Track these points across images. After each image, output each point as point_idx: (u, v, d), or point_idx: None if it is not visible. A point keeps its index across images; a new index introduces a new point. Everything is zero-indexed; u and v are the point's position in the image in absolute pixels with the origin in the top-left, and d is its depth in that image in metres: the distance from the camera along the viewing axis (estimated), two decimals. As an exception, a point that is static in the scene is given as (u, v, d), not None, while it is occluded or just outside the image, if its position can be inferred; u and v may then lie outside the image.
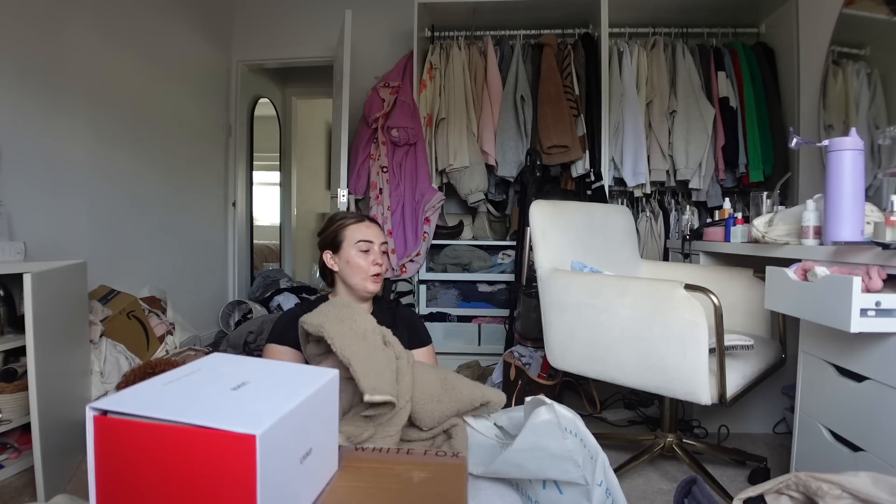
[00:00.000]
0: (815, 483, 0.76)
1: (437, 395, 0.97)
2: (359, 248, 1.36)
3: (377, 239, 1.39)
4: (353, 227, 1.39)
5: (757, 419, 1.98)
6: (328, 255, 1.41)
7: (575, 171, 2.86)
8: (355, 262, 1.35)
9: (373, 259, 1.36)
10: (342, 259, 1.37)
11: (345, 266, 1.37)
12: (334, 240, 1.39)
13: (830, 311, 1.07)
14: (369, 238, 1.37)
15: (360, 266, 1.35)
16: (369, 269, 1.35)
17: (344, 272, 1.38)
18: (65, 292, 1.61)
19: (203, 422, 0.55)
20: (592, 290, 1.49)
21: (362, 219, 1.42)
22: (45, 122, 2.11)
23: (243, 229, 3.86)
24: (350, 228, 1.38)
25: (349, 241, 1.37)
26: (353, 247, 1.36)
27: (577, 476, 0.80)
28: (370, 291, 1.37)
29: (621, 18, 2.89)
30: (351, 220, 1.40)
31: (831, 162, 1.26)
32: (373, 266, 1.36)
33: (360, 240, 1.36)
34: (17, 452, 1.61)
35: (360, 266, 1.35)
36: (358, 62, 2.90)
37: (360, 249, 1.36)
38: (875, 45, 2.05)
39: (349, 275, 1.36)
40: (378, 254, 1.37)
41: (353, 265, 1.35)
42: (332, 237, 1.40)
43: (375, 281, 1.37)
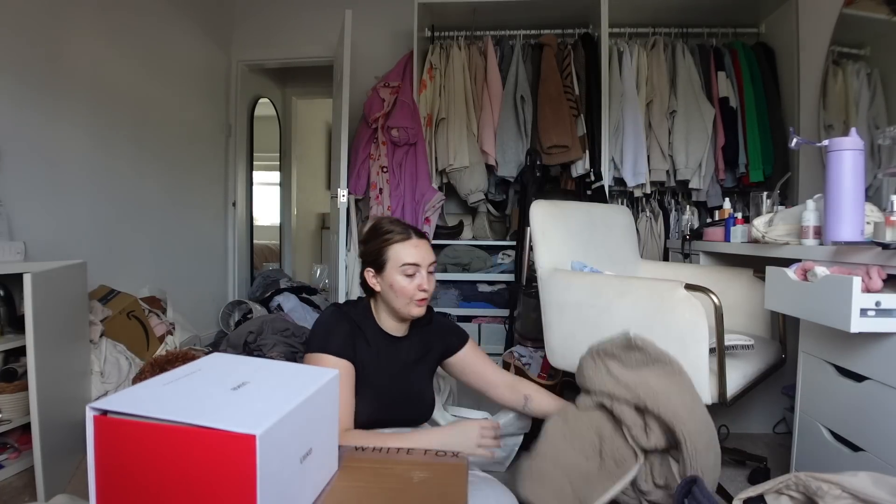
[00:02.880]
0: (815, 483, 0.77)
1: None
2: (404, 272, 1.22)
3: (425, 261, 1.25)
4: (399, 246, 1.24)
5: (757, 419, 1.98)
6: (370, 274, 1.28)
7: (575, 171, 2.86)
8: (399, 287, 1.22)
9: (419, 283, 1.23)
10: (385, 281, 1.24)
11: (388, 289, 1.24)
12: (377, 259, 1.26)
13: (830, 311, 1.07)
14: (416, 261, 1.23)
15: (404, 290, 1.22)
16: (415, 295, 1.23)
17: (387, 295, 1.25)
18: (65, 292, 1.61)
19: (203, 422, 0.55)
20: (592, 290, 1.49)
21: (409, 235, 1.26)
22: (45, 123, 2.11)
23: (243, 229, 3.86)
24: (395, 248, 1.23)
25: (393, 262, 1.23)
26: (398, 270, 1.22)
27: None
28: (413, 316, 1.26)
29: (621, 18, 2.89)
30: (397, 236, 1.25)
31: (831, 162, 1.26)
32: (419, 291, 1.23)
33: (405, 263, 1.22)
34: (17, 452, 1.61)
35: (404, 290, 1.22)
36: (358, 62, 2.90)
37: (406, 273, 1.23)
38: (875, 45, 2.05)
39: (392, 298, 1.24)
40: (425, 277, 1.24)
41: (397, 289, 1.23)
42: (374, 255, 1.26)
43: (420, 305, 1.25)
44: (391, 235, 1.24)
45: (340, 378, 1.15)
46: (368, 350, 1.25)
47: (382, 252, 1.24)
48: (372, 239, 1.28)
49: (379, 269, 1.25)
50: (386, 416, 1.21)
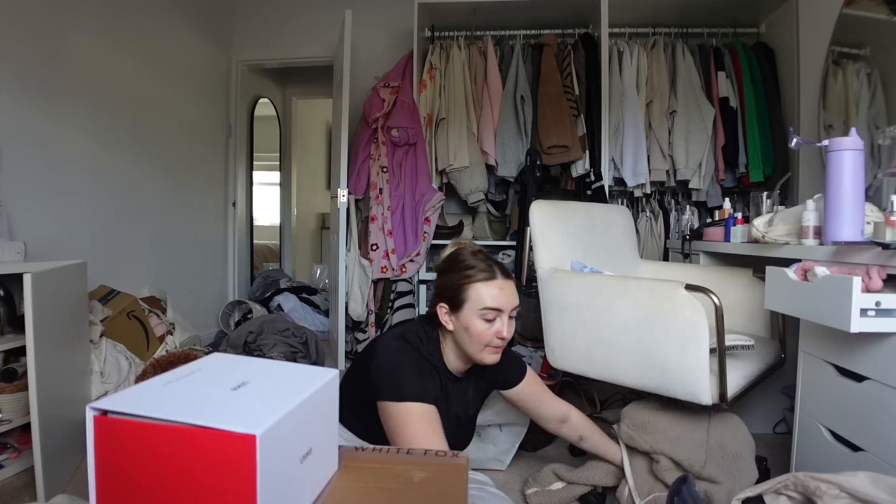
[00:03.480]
0: (814, 483, 0.77)
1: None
2: (483, 317, 1.10)
3: (509, 305, 1.11)
4: (482, 286, 1.10)
5: (757, 419, 1.98)
6: (443, 311, 1.14)
7: (575, 171, 2.86)
8: (476, 332, 1.10)
9: (498, 330, 1.10)
10: (460, 322, 1.12)
11: (462, 331, 1.12)
12: (454, 296, 1.12)
13: (830, 311, 1.07)
14: (499, 306, 1.10)
15: (481, 336, 1.10)
16: (492, 342, 1.11)
17: (460, 336, 1.13)
18: (65, 292, 1.61)
19: (203, 422, 0.55)
20: (592, 291, 1.49)
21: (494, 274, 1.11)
22: (45, 123, 2.11)
23: (243, 229, 3.86)
24: (477, 287, 1.10)
25: (473, 303, 1.10)
26: (478, 314, 1.10)
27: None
28: (486, 364, 1.14)
29: (621, 18, 2.89)
30: (481, 274, 1.11)
31: (831, 162, 1.26)
32: (496, 339, 1.11)
33: (487, 307, 1.09)
34: (17, 452, 1.61)
35: (481, 336, 1.10)
36: (358, 62, 2.90)
37: (486, 318, 1.10)
38: (875, 45, 2.05)
39: (465, 342, 1.12)
40: (506, 323, 1.11)
41: (473, 333, 1.10)
42: (452, 291, 1.13)
43: (495, 352, 1.13)
44: (474, 273, 1.11)
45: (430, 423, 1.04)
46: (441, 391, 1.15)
47: (462, 290, 1.11)
48: (451, 272, 1.15)
49: (455, 307, 1.12)
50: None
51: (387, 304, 2.91)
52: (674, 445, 1.27)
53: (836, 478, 0.76)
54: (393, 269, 2.87)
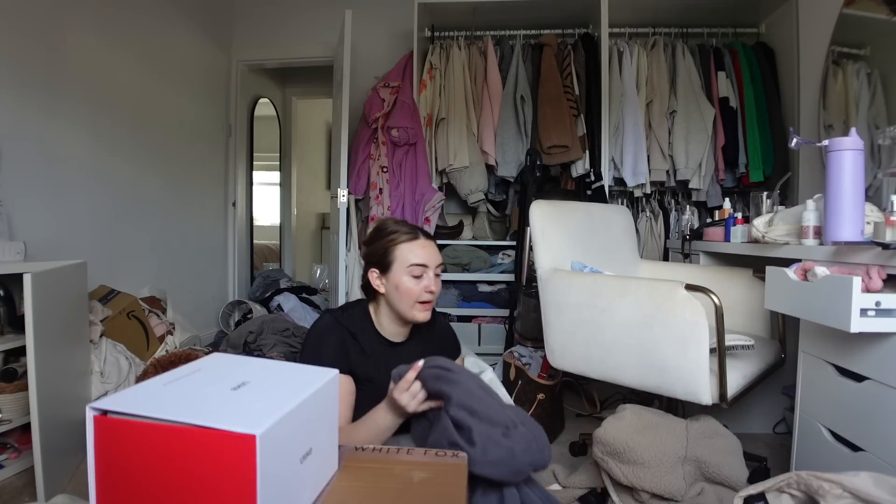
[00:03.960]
0: (816, 482, 0.77)
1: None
2: (411, 273, 1.18)
3: (433, 261, 1.20)
4: (406, 246, 1.19)
5: (757, 419, 1.98)
6: (374, 275, 1.23)
7: (575, 171, 2.86)
8: (405, 288, 1.18)
9: (425, 285, 1.19)
10: (390, 282, 1.20)
11: (393, 291, 1.20)
12: (382, 259, 1.21)
13: (830, 311, 1.07)
14: (424, 262, 1.19)
15: (410, 292, 1.18)
16: (421, 296, 1.19)
17: (391, 297, 1.21)
18: (65, 292, 1.61)
19: (203, 422, 0.55)
20: (593, 291, 1.49)
21: (416, 235, 1.22)
22: (45, 122, 2.11)
23: (243, 229, 3.86)
24: (402, 248, 1.19)
25: (400, 263, 1.19)
26: (405, 271, 1.18)
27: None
28: (417, 321, 1.22)
29: (621, 18, 2.89)
30: (404, 236, 1.21)
31: (831, 162, 1.26)
32: (425, 293, 1.19)
33: (413, 263, 1.18)
34: (17, 452, 1.61)
35: (410, 292, 1.18)
36: (358, 62, 2.90)
37: (413, 275, 1.18)
38: (875, 45, 2.05)
39: (397, 301, 1.20)
40: (432, 279, 1.20)
41: (403, 291, 1.18)
42: (380, 255, 1.22)
43: (425, 308, 1.21)
44: (397, 235, 1.21)
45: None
46: (365, 359, 1.20)
47: (389, 252, 1.20)
48: (377, 239, 1.24)
49: (384, 269, 1.21)
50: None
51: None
52: (652, 477, 1.23)
53: (838, 477, 0.76)
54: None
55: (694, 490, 1.25)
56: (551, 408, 1.96)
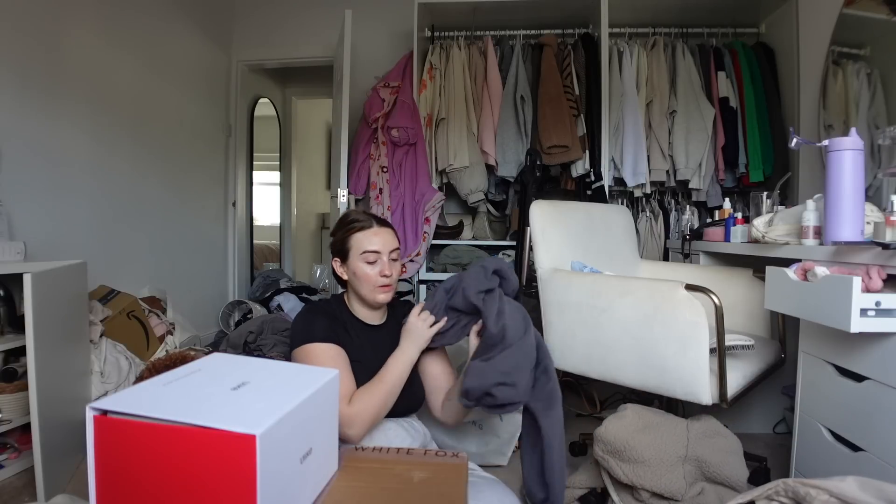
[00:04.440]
0: (804, 489, 0.77)
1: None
2: (366, 260, 1.27)
3: (386, 247, 1.29)
4: (360, 235, 1.28)
5: (757, 419, 1.98)
6: (337, 263, 1.33)
7: (575, 171, 2.86)
8: (362, 273, 1.27)
9: (380, 270, 1.27)
10: (350, 270, 1.29)
11: (353, 277, 1.29)
12: (342, 248, 1.31)
13: (830, 311, 1.07)
14: (376, 248, 1.27)
15: (367, 277, 1.27)
16: (377, 281, 1.27)
17: (353, 283, 1.30)
18: (65, 292, 1.61)
19: (203, 422, 0.55)
20: (593, 291, 1.49)
21: (370, 224, 1.30)
22: (45, 122, 2.11)
23: (243, 229, 3.86)
24: (356, 237, 1.28)
25: (355, 250, 1.28)
26: (360, 258, 1.27)
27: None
28: (379, 303, 1.30)
29: (621, 18, 2.89)
30: (358, 225, 1.30)
31: (831, 162, 1.26)
32: (380, 277, 1.27)
33: (365, 250, 1.27)
34: (17, 452, 1.61)
35: (367, 277, 1.27)
36: (358, 62, 2.90)
37: (367, 261, 1.27)
38: (875, 45, 2.05)
39: (358, 286, 1.29)
40: (387, 264, 1.28)
41: (360, 276, 1.27)
42: (339, 244, 1.32)
43: (384, 291, 1.29)
44: (353, 225, 1.29)
45: (333, 360, 1.18)
46: (349, 338, 1.27)
47: (346, 241, 1.29)
48: (338, 230, 1.33)
49: (344, 257, 1.30)
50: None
51: (387, 304, 2.91)
52: (653, 476, 1.23)
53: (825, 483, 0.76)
54: (393, 269, 2.87)
55: (694, 490, 1.24)
56: (551, 408, 1.96)
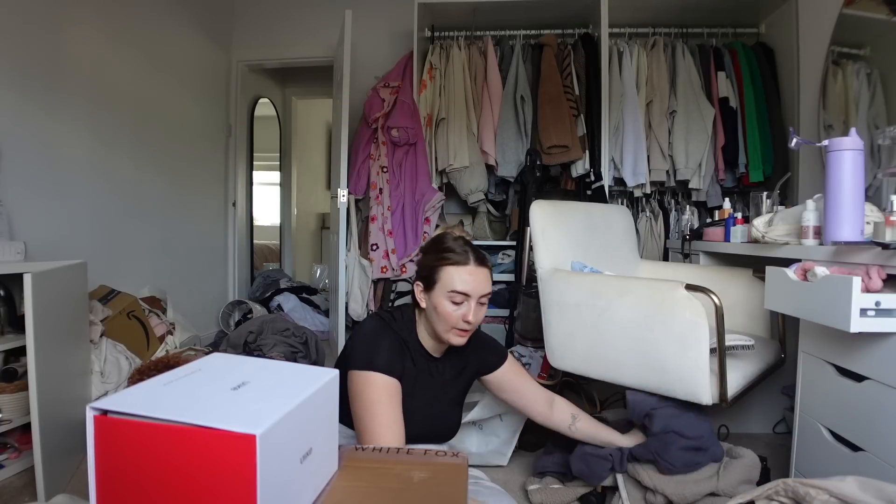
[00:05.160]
0: (803, 489, 0.77)
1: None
2: (451, 299, 1.14)
3: (477, 292, 1.15)
4: (453, 270, 1.15)
5: (757, 419, 1.98)
6: (419, 289, 1.21)
7: (575, 171, 2.86)
8: (444, 312, 1.14)
9: (464, 313, 1.14)
10: (431, 301, 1.17)
11: (432, 310, 1.17)
12: (429, 275, 1.18)
13: (830, 311, 1.07)
14: (467, 290, 1.14)
15: (448, 317, 1.15)
16: (457, 324, 1.15)
17: (430, 315, 1.18)
18: (65, 292, 1.61)
19: (203, 422, 0.55)
20: (593, 291, 1.49)
21: (466, 259, 1.15)
22: (45, 122, 2.11)
23: (243, 229, 3.86)
24: (448, 270, 1.15)
25: (443, 285, 1.15)
26: (445, 294, 1.14)
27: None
28: (452, 344, 1.19)
29: (621, 18, 2.89)
30: (454, 257, 1.16)
31: (831, 162, 1.26)
32: (462, 322, 1.15)
33: (454, 289, 1.14)
34: (17, 452, 1.61)
35: (448, 317, 1.15)
36: (358, 62, 2.90)
37: (453, 301, 1.14)
38: (875, 45, 2.05)
39: (434, 320, 1.18)
40: (473, 309, 1.15)
41: (441, 314, 1.15)
42: (427, 271, 1.19)
43: (461, 335, 1.17)
44: (449, 255, 1.16)
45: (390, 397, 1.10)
46: (413, 368, 1.19)
47: (436, 271, 1.17)
48: (430, 252, 1.21)
49: (428, 286, 1.18)
50: (409, 431, 1.15)
51: (387, 304, 2.91)
52: (676, 489, 1.24)
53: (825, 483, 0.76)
54: (393, 269, 2.88)
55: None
56: (551, 408, 1.96)
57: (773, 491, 0.81)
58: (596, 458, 1.35)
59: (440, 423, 1.26)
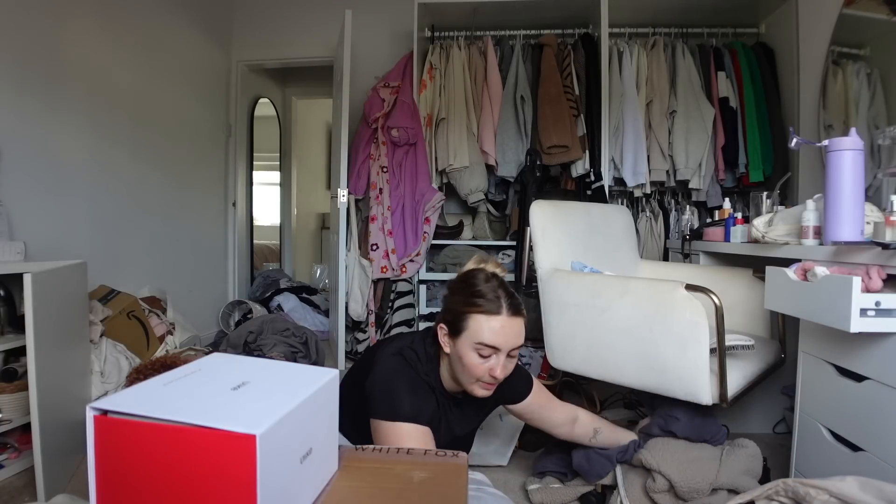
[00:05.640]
0: (803, 489, 0.77)
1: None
2: (478, 351, 1.04)
3: (508, 345, 1.05)
4: (482, 319, 1.03)
5: (757, 419, 1.98)
6: (443, 332, 1.10)
7: (575, 171, 2.86)
8: (469, 363, 1.05)
9: (490, 367, 1.04)
10: (456, 349, 1.07)
11: (456, 360, 1.07)
12: (455, 320, 1.07)
13: (830, 311, 1.07)
14: (496, 344, 1.03)
15: (473, 370, 1.05)
16: (483, 377, 1.06)
17: (454, 363, 1.09)
18: (65, 292, 1.61)
19: (203, 422, 0.55)
20: (593, 291, 1.49)
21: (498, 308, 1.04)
22: (45, 122, 2.11)
23: (243, 229, 3.86)
24: (478, 318, 1.04)
25: (471, 334, 1.04)
26: (472, 346, 1.04)
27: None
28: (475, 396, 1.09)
29: (621, 18, 2.89)
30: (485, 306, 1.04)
31: (831, 162, 1.26)
32: (489, 376, 1.05)
33: (482, 342, 1.03)
34: (17, 452, 1.61)
35: (473, 370, 1.05)
36: (358, 62, 2.90)
37: (480, 353, 1.04)
38: (875, 45, 2.05)
39: (458, 370, 1.08)
40: (502, 364, 1.04)
41: (466, 365, 1.05)
42: (454, 315, 1.08)
43: (485, 388, 1.07)
44: (480, 302, 1.05)
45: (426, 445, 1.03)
46: (437, 412, 1.14)
47: (463, 317, 1.06)
48: (458, 293, 1.10)
49: (454, 332, 1.07)
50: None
51: (387, 304, 2.91)
52: (679, 469, 1.24)
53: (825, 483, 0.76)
54: (393, 269, 2.87)
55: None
56: (551, 408, 1.96)
57: (773, 491, 0.81)
58: (597, 456, 1.35)
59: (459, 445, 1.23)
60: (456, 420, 1.20)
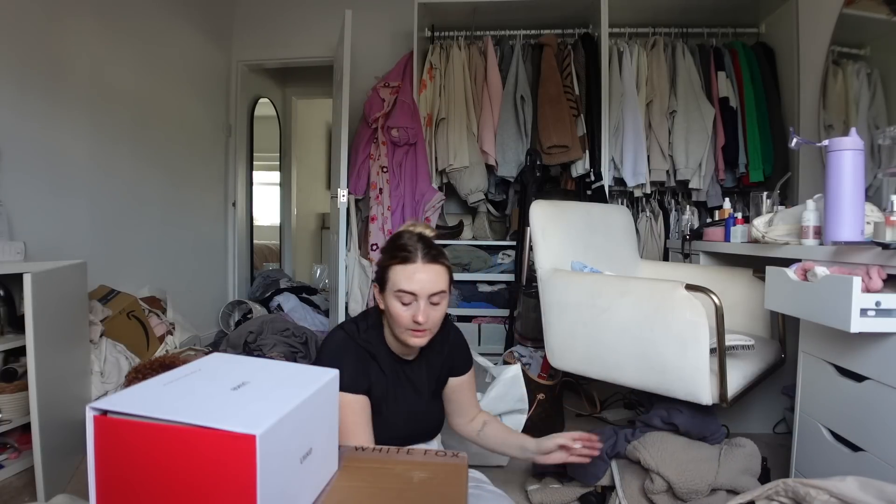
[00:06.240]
0: (804, 489, 0.77)
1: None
2: (399, 299, 1.10)
3: (425, 290, 1.09)
4: (399, 269, 1.10)
5: (757, 419, 1.98)
6: (376, 290, 1.17)
7: (575, 171, 2.86)
8: (395, 313, 1.10)
9: (413, 314, 1.09)
10: (385, 302, 1.13)
11: (388, 313, 1.13)
12: (381, 276, 1.14)
13: (830, 311, 1.07)
14: (412, 290, 1.09)
15: (399, 318, 1.10)
16: (408, 325, 1.10)
17: (387, 316, 1.15)
18: (65, 292, 1.61)
19: (203, 422, 0.55)
20: (593, 291, 1.49)
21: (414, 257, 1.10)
22: (45, 122, 2.11)
23: (243, 229, 3.86)
24: (395, 269, 1.10)
25: (391, 285, 1.11)
26: (393, 295, 1.10)
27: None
28: (412, 346, 1.14)
29: (621, 18, 2.89)
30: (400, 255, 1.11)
31: (831, 162, 1.26)
32: (413, 322, 1.10)
33: (401, 289, 1.09)
34: (17, 452, 1.61)
35: (399, 318, 1.10)
36: (358, 62, 2.90)
37: (401, 301, 1.10)
38: (875, 45, 2.05)
39: (391, 322, 1.14)
40: (422, 309, 1.09)
41: (393, 315, 1.11)
42: (380, 272, 1.15)
43: (416, 335, 1.11)
44: (398, 253, 1.12)
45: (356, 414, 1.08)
46: (382, 377, 1.17)
47: (386, 271, 1.13)
48: (384, 252, 1.17)
49: (382, 288, 1.14)
50: (395, 437, 1.13)
51: (387, 304, 2.91)
52: (678, 470, 1.24)
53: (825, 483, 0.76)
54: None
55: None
56: (551, 408, 1.96)
57: (773, 491, 0.81)
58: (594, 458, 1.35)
59: (425, 420, 1.25)
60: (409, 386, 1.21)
